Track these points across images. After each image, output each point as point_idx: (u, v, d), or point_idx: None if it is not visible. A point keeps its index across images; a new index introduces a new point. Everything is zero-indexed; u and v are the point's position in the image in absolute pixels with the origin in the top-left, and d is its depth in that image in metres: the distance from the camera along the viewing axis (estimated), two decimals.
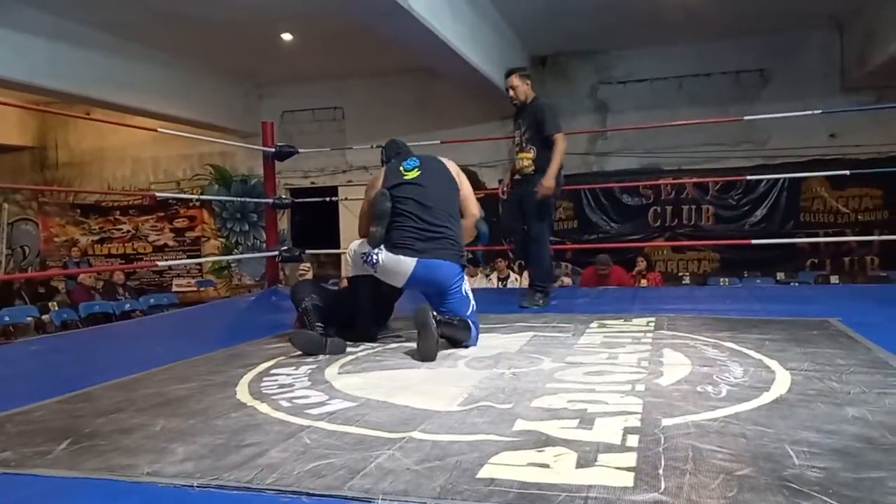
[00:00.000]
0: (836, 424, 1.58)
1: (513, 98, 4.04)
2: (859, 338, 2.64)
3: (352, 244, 3.02)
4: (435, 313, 2.58)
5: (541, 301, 3.99)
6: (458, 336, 2.72)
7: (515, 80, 4.00)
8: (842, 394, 1.85)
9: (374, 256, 2.82)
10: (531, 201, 3.91)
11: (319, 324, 2.80)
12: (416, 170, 2.98)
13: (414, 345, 2.62)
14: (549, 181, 3.83)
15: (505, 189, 4.40)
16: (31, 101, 8.15)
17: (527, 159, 3.99)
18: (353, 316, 2.99)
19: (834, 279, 7.92)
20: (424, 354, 2.49)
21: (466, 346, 2.73)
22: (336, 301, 3.05)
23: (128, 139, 10.62)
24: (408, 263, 2.78)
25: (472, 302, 2.90)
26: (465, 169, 3.27)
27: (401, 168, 2.99)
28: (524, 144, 4.01)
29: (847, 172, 5.83)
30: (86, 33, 7.31)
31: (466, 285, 2.92)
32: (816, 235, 8.19)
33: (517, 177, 4.10)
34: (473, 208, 3.12)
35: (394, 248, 2.81)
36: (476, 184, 6.61)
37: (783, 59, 8.38)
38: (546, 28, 7.95)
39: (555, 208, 4.30)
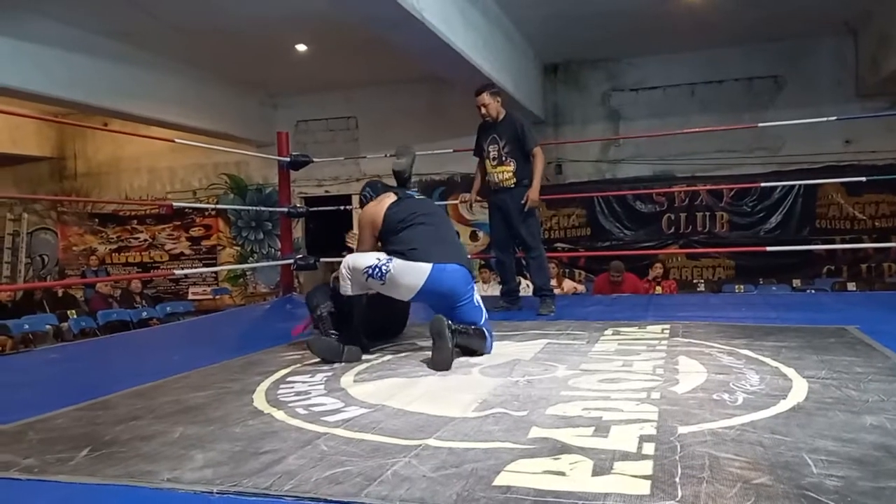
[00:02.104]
0: (855, 433, 1.57)
1: (485, 115, 4.09)
2: (877, 345, 2.62)
3: (346, 260, 2.84)
4: (451, 322, 2.57)
5: (552, 306, 4.07)
6: (473, 346, 2.70)
7: (486, 97, 4.05)
8: (860, 402, 1.84)
9: (384, 266, 2.72)
10: (519, 213, 4.05)
11: (334, 331, 2.82)
12: (421, 196, 3.09)
13: (429, 352, 2.62)
14: (535, 193, 4.01)
15: (472, 204, 4.45)
16: (49, 112, 8.28)
17: (507, 172, 4.09)
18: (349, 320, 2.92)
19: (851, 286, 7.83)
20: (438, 364, 2.49)
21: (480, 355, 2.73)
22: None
23: (144, 149, 10.74)
24: (423, 269, 2.72)
25: (485, 311, 2.90)
26: None
27: (408, 192, 3.06)
28: (504, 158, 4.09)
29: (864, 179, 5.79)
30: (102, 44, 7.41)
31: (477, 295, 2.92)
32: (833, 242, 8.10)
33: (495, 188, 4.17)
34: None
35: (408, 252, 2.75)
36: None
37: (796, 66, 8.32)
38: (558, 36, 7.96)
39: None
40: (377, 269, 2.73)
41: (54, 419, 1.95)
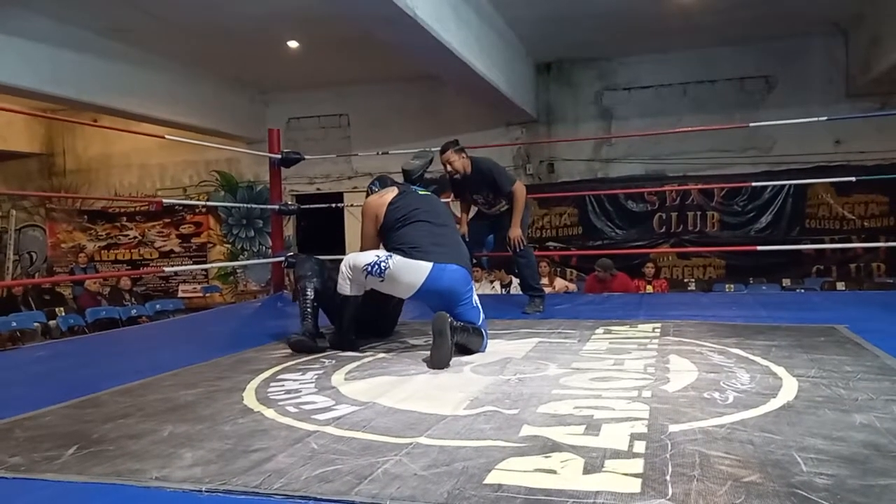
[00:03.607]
0: (844, 431, 1.58)
1: (452, 173, 3.99)
2: (866, 344, 2.63)
3: (347, 258, 2.89)
4: (452, 319, 2.55)
5: (540, 306, 4.08)
6: (471, 344, 2.70)
7: (452, 155, 3.93)
8: (849, 400, 1.85)
9: (384, 263, 2.72)
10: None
11: (311, 310, 2.88)
12: (425, 191, 3.11)
13: (421, 351, 2.62)
14: (516, 231, 3.98)
15: (466, 236, 4.21)
16: (38, 108, 8.21)
17: (502, 207, 4.13)
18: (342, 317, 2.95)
19: (840, 286, 7.88)
20: (437, 362, 2.47)
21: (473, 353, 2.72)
22: (331, 296, 2.99)
23: (134, 146, 10.68)
24: (423, 268, 2.72)
25: (482, 313, 2.90)
26: None
27: (412, 187, 3.10)
28: (494, 201, 4.13)
29: (853, 179, 5.83)
30: (91, 40, 7.35)
31: (475, 296, 2.92)
32: (822, 242, 8.16)
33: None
34: None
35: (408, 251, 2.76)
36: None
37: (788, 66, 8.37)
38: (551, 35, 7.97)
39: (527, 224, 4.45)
40: (376, 266, 2.73)
41: (42, 417, 1.94)
